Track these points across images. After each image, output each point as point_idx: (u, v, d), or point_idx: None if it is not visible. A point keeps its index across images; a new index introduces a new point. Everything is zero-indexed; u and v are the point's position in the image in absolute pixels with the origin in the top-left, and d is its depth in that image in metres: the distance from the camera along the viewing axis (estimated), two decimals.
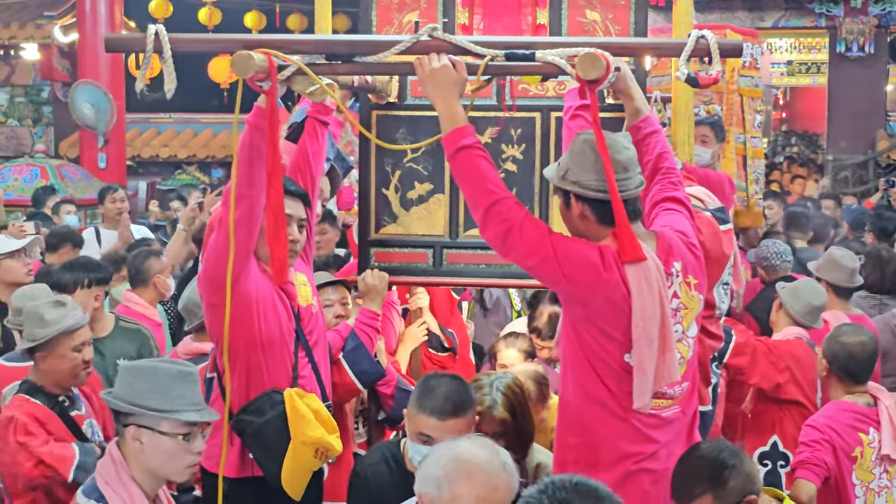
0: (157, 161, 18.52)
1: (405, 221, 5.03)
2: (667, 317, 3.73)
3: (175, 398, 3.62)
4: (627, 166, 3.84)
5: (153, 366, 3.71)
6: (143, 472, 3.63)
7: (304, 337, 4.40)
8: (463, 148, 3.82)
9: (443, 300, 6.42)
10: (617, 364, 3.78)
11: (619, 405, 3.79)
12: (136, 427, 3.61)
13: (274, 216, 3.78)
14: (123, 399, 3.62)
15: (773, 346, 5.62)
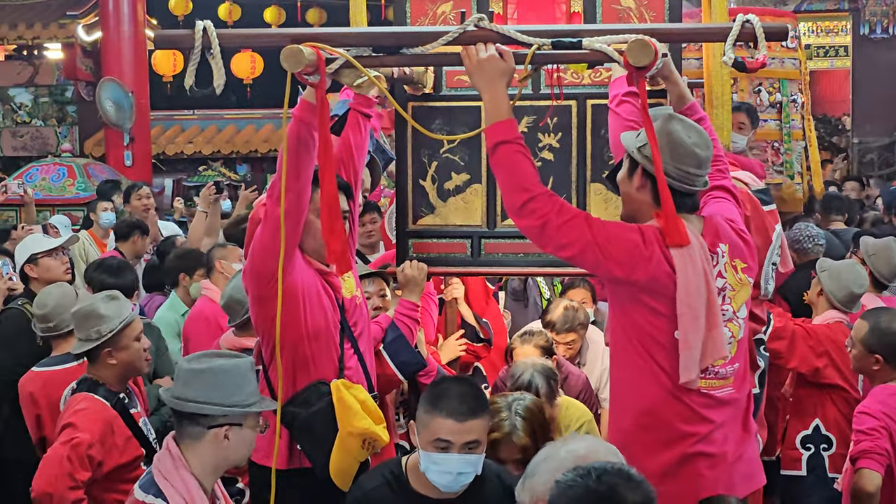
0: (181, 158, 18.60)
1: (443, 212, 5.04)
2: (713, 294, 3.75)
3: (250, 392, 3.70)
4: (703, 164, 3.88)
5: (228, 364, 3.72)
6: (211, 469, 3.67)
7: (350, 328, 4.42)
8: (504, 142, 3.84)
9: (478, 290, 6.45)
10: (667, 341, 3.80)
11: (672, 383, 3.81)
12: (229, 427, 3.66)
13: (328, 208, 3.79)
14: (210, 402, 3.63)
15: (811, 330, 5.60)
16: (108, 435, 4.59)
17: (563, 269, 5.06)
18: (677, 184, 3.83)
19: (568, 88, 4.90)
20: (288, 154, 4.04)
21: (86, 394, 4.70)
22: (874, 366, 4.93)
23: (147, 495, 3.60)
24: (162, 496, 3.57)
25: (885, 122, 17.08)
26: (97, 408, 4.64)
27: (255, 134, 18.78)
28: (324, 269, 4.39)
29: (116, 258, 7.90)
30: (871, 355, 4.93)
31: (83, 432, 4.51)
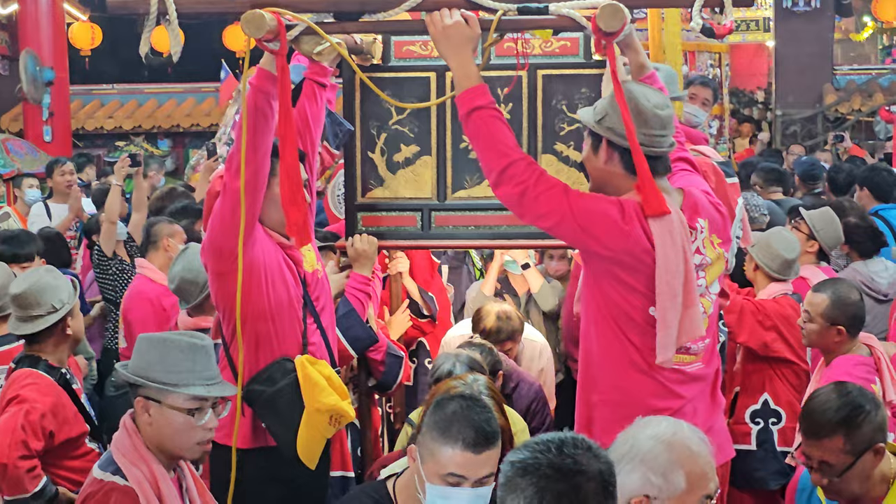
0: (101, 133, 18.26)
1: (392, 185, 4.96)
2: (690, 271, 3.72)
3: (183, 371, 3.51)
4: (667, 124, 3.84)
5: (164, 337, 3.61)
6: (152, 445, 3.54)
7: (312, 303, 4.33)
8: (477, 108, 3.79)
9: (423, 264, 6.39)
10: (641, 318, 3.77)
11: (644, 360, 3.79)
12: (145, 399, 3.52)
13: (289, 178, 3.71)
14: (133, 370, 3.53)
15: (759, 305, 5.61)
16: (59, 407, 4.53)
17: (515, 241, 5.03)
18: (646, 149, 3.77)
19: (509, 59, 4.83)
20: (246, 125, 3.93)
21: (29, 370, 4.62)
22: (835, 338, 4.95)
23: (105, 473, 3.49)
24: (121, 473, 3.46)
25: (807, 94, 17.27)
26: (45, 382, 4.58)
27: (176, 108, 18.50)
28: (285, 243, 4.31)
29: None
30: (832, 328, 4.95)
31: (35, 403, 4.44)
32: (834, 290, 5.01)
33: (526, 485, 2.33)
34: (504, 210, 4.83)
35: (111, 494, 3.42)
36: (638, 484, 2.87)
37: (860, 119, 16.90)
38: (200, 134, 17.57)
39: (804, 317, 5.07)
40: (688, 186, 3.97)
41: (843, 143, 14.05)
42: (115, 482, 3.45)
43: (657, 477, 2.87)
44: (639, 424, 3.06)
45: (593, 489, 2.34)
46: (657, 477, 2.87)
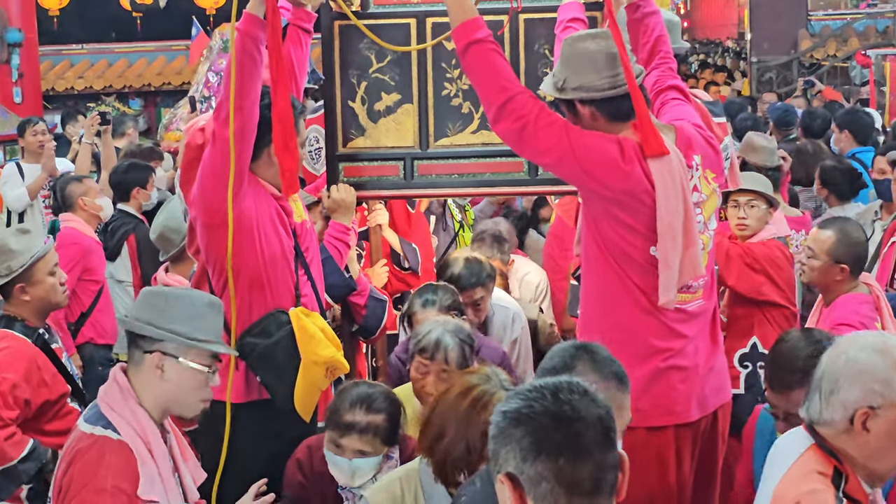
0: (72, 94, 18.07)
1: (373, 134, 4.89)
2: (690, 210, 3.68)
3: (208, 328, 3.49)
4: (617, 62, 3.75)
5: (186, 293, 3.56)
6: (153, 402, 3.47)
7: (303, 254, 4.28)
8: (474, 42, 3.73)
9: (401, 214, 6.32)
10: (642, 258, 3.73)
11: (646, 300, 3.75)
12: (161, 355, 3.44)
13: (282, 124, 3.65)
14: (151, 323, 3.45)
15: (747, 248, 5.57)
16: (33, 371, 4.40)
17: (498, 188, 4.98)
18: (616, 90, 3.73)
19: (500, 2, 4.77)
20: (235, 71, 3.86)
21: (4, 331, 4.52)
22: (838, 276, 4.89)
23: (96, 427, 3.40)
24: (112, 427, 3.38)
25: (782, 40, 17.23)
26: (18, 345, 4.46)
27: (147, 67, 18.32)
28: (277, 194, 4.24)
29: None
30: (835, 266, 4.89)
31: (6, 372, 4.32)
32: (840, 227, 4.95)
33: (521, 435, 2.15)
34: (487, 157, 4.83)
35: (105, 449, 3.35)
36: (860, 395, 2.81)
37: (835, 65, 16.90)
38: (172, 93, 17.43)
39: (807, 253, 5.00)
40: (679, 121, 3.92)
41: (813, 87, 14.06)
42: (107, 436, 3.37)
43: (879, 385, 2.81)
44: (844, 342, 2.95)
45: (594, 436, 2.15)
46: (879, 385, 2.81)
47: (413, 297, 4.88)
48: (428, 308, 4.75)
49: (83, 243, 6.81)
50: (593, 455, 2.13)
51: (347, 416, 3.77)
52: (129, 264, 7.57)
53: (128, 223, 7.63)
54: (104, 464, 3.32)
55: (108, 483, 3.29)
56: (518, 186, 4.94)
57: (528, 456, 2.13)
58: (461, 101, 4.84)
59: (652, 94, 4.04)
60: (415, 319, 4.77)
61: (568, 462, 2.11)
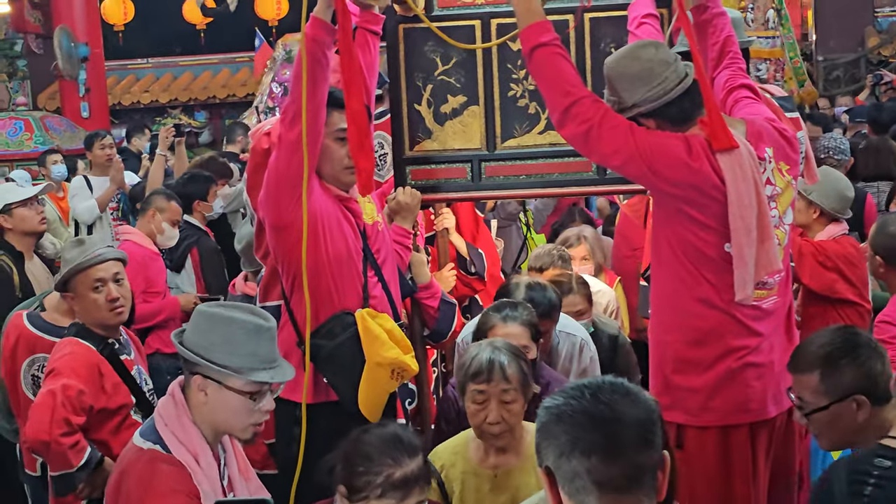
0: (138, 108, 18.27)
1: (440, 137, 4.88)
2: (763, 204, 3.65)
3: (247, 355, 3.43)
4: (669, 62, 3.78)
5: (229, 316, 3.47)
6: (203, 421, 3.48)
7: (373, 255, 4.28)
8: (541, 45, 3.74)
9: (468, 217, 6.30)
10: (716, 255, 3.70)
11: (720, 298, 3.72)
12: (203, 378, 3.44)
13: (356, 124, 3.66)
14: (193, 347, 3.44)
15: (819, 245, 5.50)
16: (94, 378, 4.43)
17: (567, 189, 4.94)
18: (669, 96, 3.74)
19: (565, 2, 4.73)
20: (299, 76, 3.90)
21: (72, 338, 4.55)
22: (879, 268, 4.84)
23: (146, 442, 3.43)
24: (161, 443, 3.40)
25: (848, 37, 17.01)
26: (82, 352, 4.48)
27: (211, 80, 18.48)
28: (343, 196, 4.26)
29: None
30: (874, 257, 4.84)
31: (71, 378, 4.35)
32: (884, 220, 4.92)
33: (559, 432, 2.21)
34: (555, 157, 4.80)
35: (157, 464, 3.37)
36: None
37: None
38: (237, 104, 17.58)
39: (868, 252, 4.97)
40: (749, 115, 3.88)
41: (882, 81, 13.88)
42: (157, 451, 3.40)
43: None
44: None
45: (630, 438, 2.18)
46: None
47: (489, 313, 4.50)
48: (509, 323, 4.38)
49: (139, 256, 6.74)
50: (627, 455, 2.17)
51: (398, 472, 3.21)
52: (193, 276, 7.63)
53: (191, 235, 7.69)
54: (159, 471, 3.35)
55: (168, 486, 3.31)
56: (587, 186, 4.89)
57: (563, 452, 2.19)
58: (527, 101, 4.81)
59: (723, 93, 4.02)
60: (492, 335, 4.35)
61: (601, 461, 2.16)
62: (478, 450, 3.95)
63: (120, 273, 4.67)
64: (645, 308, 6.05)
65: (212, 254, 7.79)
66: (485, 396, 3.82)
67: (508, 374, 3.82)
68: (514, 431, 3.85)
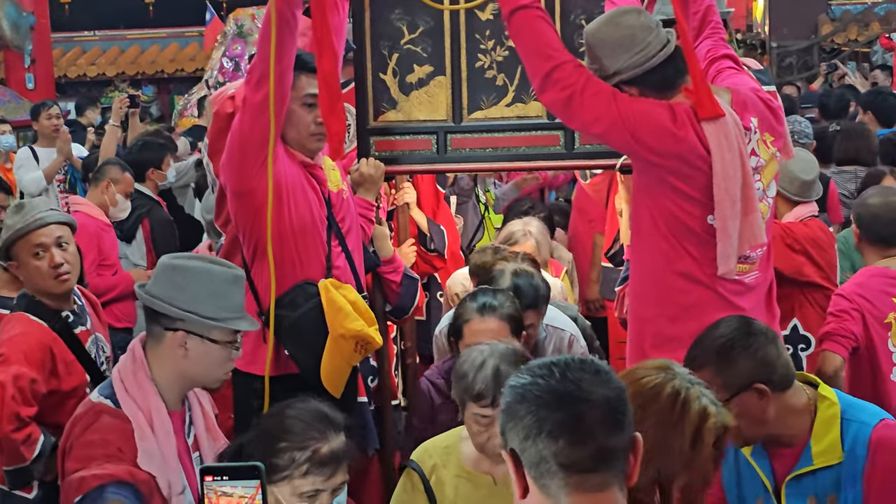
0: (84, 81, 18.02)
1: (405, 107, 4.75)
2: (748, 175, 3.58)
3: (229, 305, 3.37)
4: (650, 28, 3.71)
5: (207, 268, 3.41)
6: (174, 378, 3.37)
7: (337, 224, 4.17)
8: (521, 7, 3.64)
9: (428, 193, 6.20)
10: (700, 227, 3.62)
11: (702, 272, 3.65)
12: (186, 333, 3.34)
13: (328, 86, 3.54)
14: (174, 302, 3.33)
15: (787, 228, 5.42)
16: (46, 361, 4.20)
17: (533, 163, 4.84)
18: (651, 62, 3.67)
19: None
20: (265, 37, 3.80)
21: (21, 314, 4.30)
22: (855, 238, 4.81)
23: (100, 397, 3.33)
24: (114, 398, 3.29)
25: (802, 25, 17.10)
26: (33, 331, 4.22)
27: (160, 54, 18.28)
28: (308, 162, 4.14)
29: None
30: (853, 226, 4.82)
31: (20, 364, 4.10)
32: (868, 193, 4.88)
33: (524, 412, 2.08)
34: (522, 131, 4.70)
35: (100, 416, 3.27)
36: None
37: (856, 49, 16.73)
38: (185, 79, 17.43)
39: None
40: (735, 85, 3.81)
41: (836, 71, 13.99)
42: (105, 404, 3.30)
43: None
44: None
45: (598, 418, 2.06)
46: None
47: (464, 304, 4.18)
48: (487, 316, 4.07)
49: (91, 227, 6.61)
50: (596, 437, 2.05)
51: (325, 447, 3.11)
52: (143, 248, 7.47)
53: (143, 205, 7.54)
54: (98, 422, 3.26)
55: (97, 436, 3.22)
56: (554, 160, 4.79)
57: (529, 434, 2.07)
58: (495, 73, 4.70)
59: (705, 63, 3.95)
60: (468, 331, 4.09)
61: (568, 443, 2.04)
62: (473, 452, 3.62)
63: (64, 237, 4.41)
64: (608, 290, 5.98)
65: (164, 225, 7.65)
66: (489, 420, 3.45)
67: None
68: None
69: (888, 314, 4.58)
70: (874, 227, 4.76)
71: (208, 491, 2.39)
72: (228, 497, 2.38)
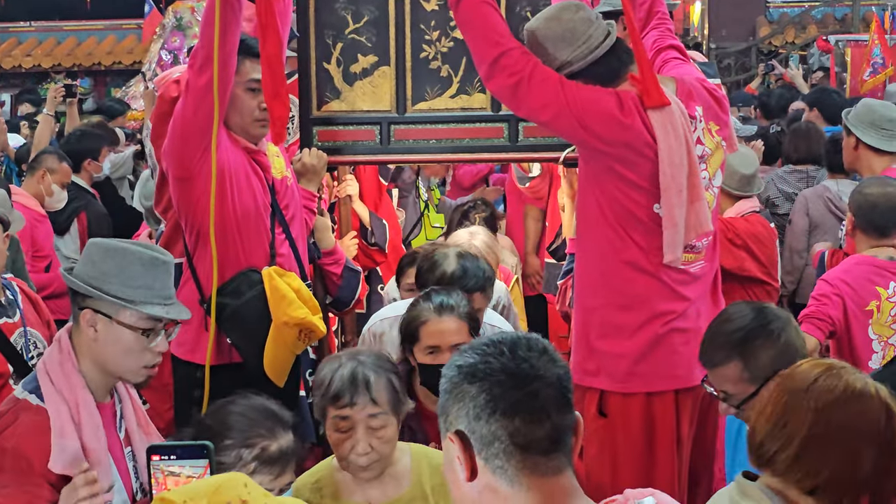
0: (19, 72, 17.77)
1: (349, 97, 4.71)
2: (694, 164, 3.58)
3: (141, 287, 3.19)
4: (591, 20, 3.71)
5: (123, 247, 3.25)
6: (94, 367, 3.21)
7: (281, 211, 4.11)
8: None
9: (371, 185, 6.16)
10: (646, 216, 3.62)
11: (648, 261, 3.64)
12: (93, 312, 3.18)
13: (271, 70, 3.49)
14: (83, 278, 3.19)
15: (728, 223, 5.46)
16: None
17: (477, 154, 4.83)
18: (594, 54, 3.67)
19: None
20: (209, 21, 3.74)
21: None
22: (849, 226, 4.82)
23: (24, 392, 3.19)
24: (38, 393, 3.15)
25: (740, 27, 17.26)
26: None
27: (97, 46, 18.07)
28: (252, 148, 4.08)
29: None
30: (848, 213, 4.83)
31: None
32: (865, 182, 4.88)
33: (476, 392, 2.04)
34: (466, 122, 4.68)
35: (20, 413, 3.13)
36: None
37: (793, 52, 16.91)
38: (122, 72, 17.23)
39: None
40: (680, 74, 3.82)
41: (773, 71, 14.12)
42: (28, 401, 3.15)
43: None
44: None
45: (552, 396, 2.04)
46: None
47: (419, 304, 3.90)
48: (445, 315, 3.82)
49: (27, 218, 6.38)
50: (550, 416, 2.02)
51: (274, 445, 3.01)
52: (77, 241, 7.36)
53: (79, 198, 7.43)
54: (15, 425, 3.11)
55: (11, 443, 3.08)
56: (498, 153, 4.78)
57: (481, 414, 2.02)
58: (440, 63, 4.68)
59: (651, 53, 3.95)
60: (425, 333, 3.82)
61: (524, 422, 2.01)
62: (347, 483, 3.33)
63: None
64: (551, 285, 5.98)
65: (101, 219, 7.54)
66: (349, 424, 3.22)
67: (375, 395, 3.21)
68: (386, 459, 3.27)
69: (870, 302, 4.60)
70: (870, 216, 4.75)
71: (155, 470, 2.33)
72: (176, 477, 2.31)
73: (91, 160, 7.70)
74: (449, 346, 3.72)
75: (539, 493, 2.02)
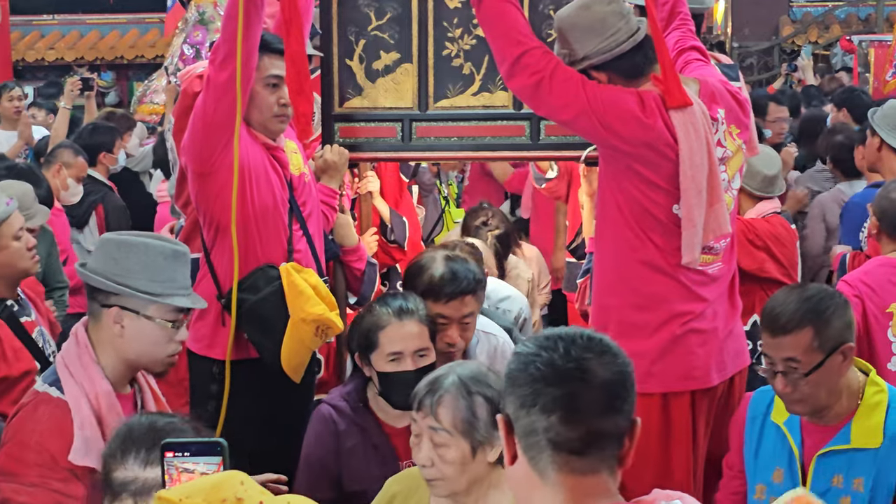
0: (42, 65, 17.84)
1: (371, 94, 4.71)
2: (715, 165, 3.58)
3: (167, 281, 3.25)
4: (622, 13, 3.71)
5: (144, 242, 3.29)
6: (116, 360, 3.25)
7: (298, 207, 4.13)
8: None
9: (392, 182, 6.17)
10: (665, 216, 3.62)
11: (666, 262, 3.64)
12: (120, 309, 3.22)
13: (295, 67, 3.51)
14: (108, 276, 3.22)
15: (749, 224, 5.44)
16: None
17: (499, 153, 4.83)
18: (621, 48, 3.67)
19: None
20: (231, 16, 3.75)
21: None
22: (872, 229, 4.79)
23: (44, 384, 3.23)
24: (58, 385, 3.18)
25: (763, 26, 17.21)
26: None
27: (119, 40, 18.12)
28: (270, 144, 4.09)
29: None
30: (872, 216, 4.80)
31: None
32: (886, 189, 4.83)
33: (523, 382, 2.07)
34: (488, 120, 4.69)
35: (40, 406, 3.17)
36: None
37: (816, 52, 16.85)
38: (144, 66, 17.28)
39: None
40: (703, 76, 3.81)
41: (795, 72, 14.08)
42: (48, 394, 3.19)
43: None
44: None
45: (593, 400, 2.03)
46: None
47: (373, 310, 3.77)
48: (405, 319, 3.71)
49: None
50: (588, 418, 2.03)
51: None
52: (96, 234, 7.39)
53: (96, 191, 7.47)
54: (35, 418, 3.15)
55: (34, 439, 3.11)
56: (519, 151, 4.79)
57: (524, 404, 2.06)
58: (462, 61, 4.68)
59: (673, 53, 3.94)
60: (385, 339, 3.69)
61: (559, 420, 2.02)
62: None
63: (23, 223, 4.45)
64: (571, 284, 5.97)
65: (118, 211, 7.58)
66: (418, 429, 3.09)
67: (439, 412, 3.01)
68: (456, 483, 3.02)
69: (891, 304, 4.58)
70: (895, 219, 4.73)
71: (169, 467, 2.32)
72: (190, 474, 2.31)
73: (106, 153, 7.72)
74: (412, 351, 3.66)
75: (564, 489, 2.04)
